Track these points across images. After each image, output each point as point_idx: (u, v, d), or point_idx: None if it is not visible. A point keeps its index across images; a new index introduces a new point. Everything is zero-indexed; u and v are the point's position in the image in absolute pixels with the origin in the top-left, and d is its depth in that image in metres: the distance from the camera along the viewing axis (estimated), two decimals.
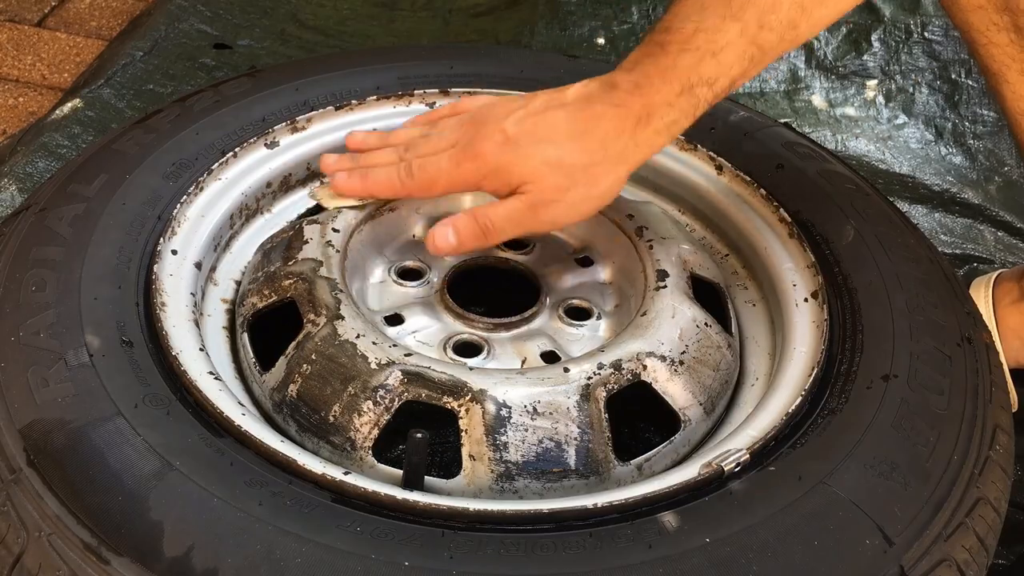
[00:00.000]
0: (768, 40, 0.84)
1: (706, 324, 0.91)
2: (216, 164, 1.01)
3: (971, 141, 1.59)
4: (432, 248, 0.91)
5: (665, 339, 0.88)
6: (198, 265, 0.95)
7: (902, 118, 1.63)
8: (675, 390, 0.87)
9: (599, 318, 0.98)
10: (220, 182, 1.02)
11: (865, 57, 1.71)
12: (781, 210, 1.01)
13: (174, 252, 0.93)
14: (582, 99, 0.88)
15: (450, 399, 0.82)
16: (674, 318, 0.90)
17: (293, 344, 0.87)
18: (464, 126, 0.93)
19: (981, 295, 1.19)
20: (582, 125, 0.87)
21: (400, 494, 0.72)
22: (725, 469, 0.76)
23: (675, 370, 0.87)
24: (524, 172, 0.87)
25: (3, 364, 0.79)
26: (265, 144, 1.06)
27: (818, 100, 1.65)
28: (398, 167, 0.94)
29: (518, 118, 0.89)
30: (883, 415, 0.81)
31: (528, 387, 0.82)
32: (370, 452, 0.82)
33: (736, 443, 0.80)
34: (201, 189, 0.99)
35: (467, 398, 0.81)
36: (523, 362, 0.93)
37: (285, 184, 1.09)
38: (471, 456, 0.81)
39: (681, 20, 0.85)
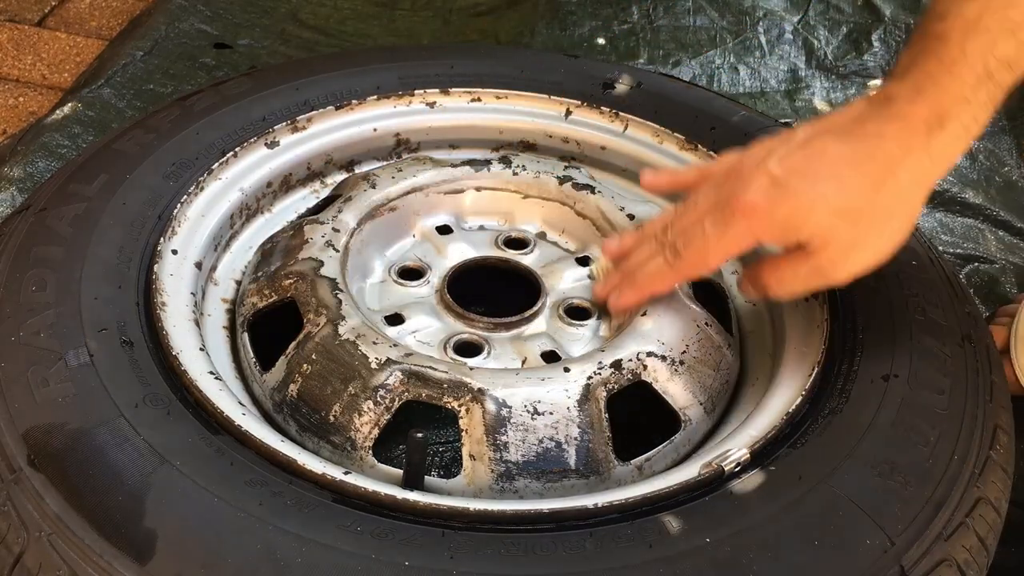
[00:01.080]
0: None
1: (706, 324, 0.91)
2: (216, 164, 1.01)
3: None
4: (750, 295, 0.88)
5: (665, 339, 0.88)
6: (198, 265, 0.95)
7: None
8: (675, 390, 0.87)
9: (599, 318, 0.98)
10: (220, 182, 1.02)
11: (865, 57, 1.71)
12: None
13: (174, 252, 0.93)
14: (852, 121, 0.76)
15: (450, 399, 0.82)
16: (674, 318, 0.90)
17: (293, 344, 0.87)
18: (721, 184, 0.81)
19: None
20: (860, 150, 0.74)
21: (400, 494, 0.72)
22: (725, 469, 0.76)
23: (675, 370, 0.87)
24: (810, 226, 0.76)
25: (3, 364, 0.79)
26: (265, 144, 1.06)
27: (819, 100, 1.65)
28: (663, 253, 0.85)
29: (781, 155, 0.77)
30: (883, 415, 0.81)
31: (528, 387, 0.82)
32: (370, 452, 0.82)
33: (736, 443, 0.80)
34: (201, 189, 0.99)
35: (467, 398, 0.81)
36: (523, 362, 0.92)
37: (285, 184, 1.09)
38: (471, 456, 0.81)
39: (959, 4, 0.73)
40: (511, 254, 1.05)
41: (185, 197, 0.97)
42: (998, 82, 0.74)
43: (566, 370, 0.84)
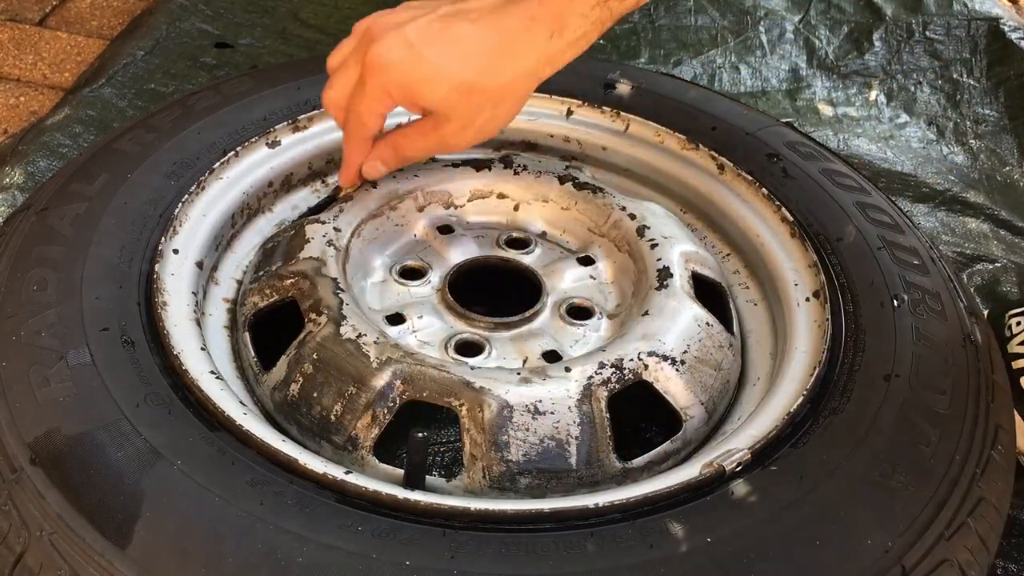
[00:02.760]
0: None
1: (707, 324, 0.91)
2: (218, 163, 1.01)
3: (972, 140, 1.59)
4: (368, 177, 0.98)
5: (667, 339, 0.88)
6: (199, 264, 0.95)
7: (904, 117, 1.62)
8: (676, 390, 0.87)
9: (600, 317, 0.98)
10: (221, 181, 1.02)
11: (867, 56, 1.71)
12: (783, 209, 1.01)
13: (175, 251, 0.93)
14: (492, 11, 0.84)
15: (451, 399, 0.82)
16: (676, 318, 0.90)
17: (294, 343, 0.87)
18: (361, 41, 0.87)
19: None
20: (493, 40, 0.83)
21: (402, 493, 0.72)
22: (726, 469, 0.76)
23: (677, 370, 0.87)
24: (434, 99, 0.85)
25: (4, 364, 0.79)
26: (267, 143, 1.06)
27: (820, 99, 1.65)
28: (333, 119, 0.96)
29: (420, 25, 0.84)
30: (885, 415, 0.81)
31: (529, 387, 0.82)
32: (371, 451, 0.82)
33: (737, 443, 0.80)
34: (203, 188, 0.99)
35: (468, 398, 0.81)
36: (524, 361, 0.92)
37: (287, 183, 1.09)
38: (472, 455, 0.81)
39: None
40: (512, 254, 1.05)
41: (186, 196, 0.96)
42: (610, 8, 0.85)
43: (567, 370, 0.84)
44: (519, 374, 0.84)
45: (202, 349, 0.86)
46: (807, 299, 0.94)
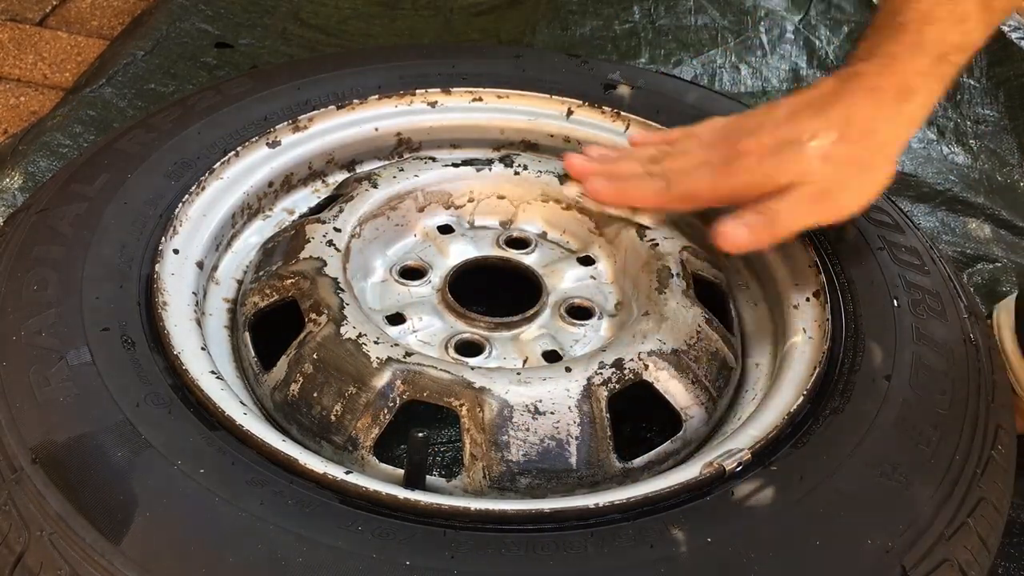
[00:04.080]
0: (1000, 3, 0.86)
1: (708, 323, 0.91)
2: (218, 163, 1.01)
3: (973, 141, 1.58)
4: (729, 246, 0.89)
5: (667, 338, 0.88)
6: (200, 264, 0.95)
7: None
8: (677, 389, 0.87)
9: (600, 317, 0.98)
10: (222, 181, 1.02)
11: None
12: None
13: (176, 251, 0.93)
14: (829, 94, 0.88)
15: (452, 398, 0.82)
16: (676, 318, 0.90)
17: (295, 343, 0.87)
18: (712, 146, 0.92)
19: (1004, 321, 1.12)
20: (838, 117, 0.86)
21: (402, 493, 0.72)
22: (727, 469, 0.76)
23: (677, 369, 0.87)
24: (793, 171, 0.87)
25: (4, 363, 0.79)
26: (267, 143, 1.06)
27: None
28: (653, 178, 0.95)
29: (770, 128, 0.89)
30: (885, 415, 0.81)
31: (530, 386, 0.82)
32: (371, 451, 0.82)
33: (738, 443, 0.80)
34: (203, 188, 0.99)
35: (469, 397, 0.81)
36: (525, 361, 0.92)
37: (287, 183, 1.09)
38: (472, 455, 0.81)
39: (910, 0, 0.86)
40: (512, 254, 1.05)
41: (187, 196, 0.96)
42: (952, 62, 0.86)
43: (567, 370, 0.84)
44: (519, 374, 0.84)
45: (202, 349, 0.86)
46: (807, 299, 0.94)
